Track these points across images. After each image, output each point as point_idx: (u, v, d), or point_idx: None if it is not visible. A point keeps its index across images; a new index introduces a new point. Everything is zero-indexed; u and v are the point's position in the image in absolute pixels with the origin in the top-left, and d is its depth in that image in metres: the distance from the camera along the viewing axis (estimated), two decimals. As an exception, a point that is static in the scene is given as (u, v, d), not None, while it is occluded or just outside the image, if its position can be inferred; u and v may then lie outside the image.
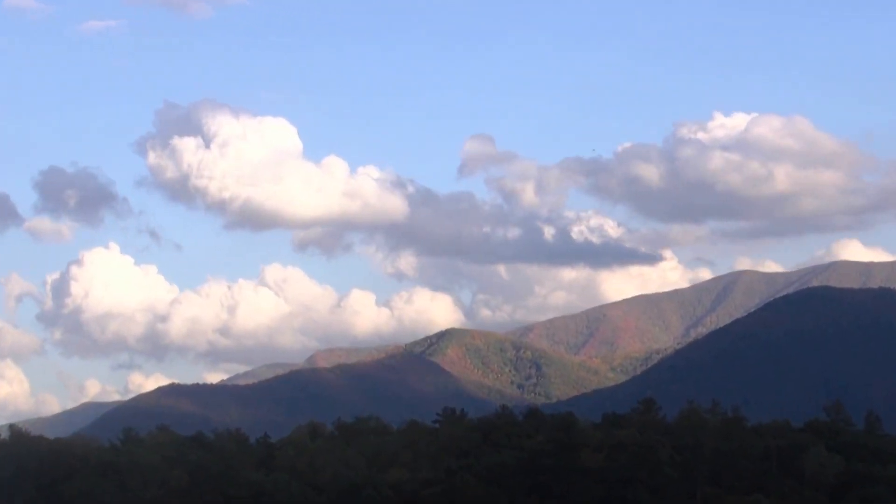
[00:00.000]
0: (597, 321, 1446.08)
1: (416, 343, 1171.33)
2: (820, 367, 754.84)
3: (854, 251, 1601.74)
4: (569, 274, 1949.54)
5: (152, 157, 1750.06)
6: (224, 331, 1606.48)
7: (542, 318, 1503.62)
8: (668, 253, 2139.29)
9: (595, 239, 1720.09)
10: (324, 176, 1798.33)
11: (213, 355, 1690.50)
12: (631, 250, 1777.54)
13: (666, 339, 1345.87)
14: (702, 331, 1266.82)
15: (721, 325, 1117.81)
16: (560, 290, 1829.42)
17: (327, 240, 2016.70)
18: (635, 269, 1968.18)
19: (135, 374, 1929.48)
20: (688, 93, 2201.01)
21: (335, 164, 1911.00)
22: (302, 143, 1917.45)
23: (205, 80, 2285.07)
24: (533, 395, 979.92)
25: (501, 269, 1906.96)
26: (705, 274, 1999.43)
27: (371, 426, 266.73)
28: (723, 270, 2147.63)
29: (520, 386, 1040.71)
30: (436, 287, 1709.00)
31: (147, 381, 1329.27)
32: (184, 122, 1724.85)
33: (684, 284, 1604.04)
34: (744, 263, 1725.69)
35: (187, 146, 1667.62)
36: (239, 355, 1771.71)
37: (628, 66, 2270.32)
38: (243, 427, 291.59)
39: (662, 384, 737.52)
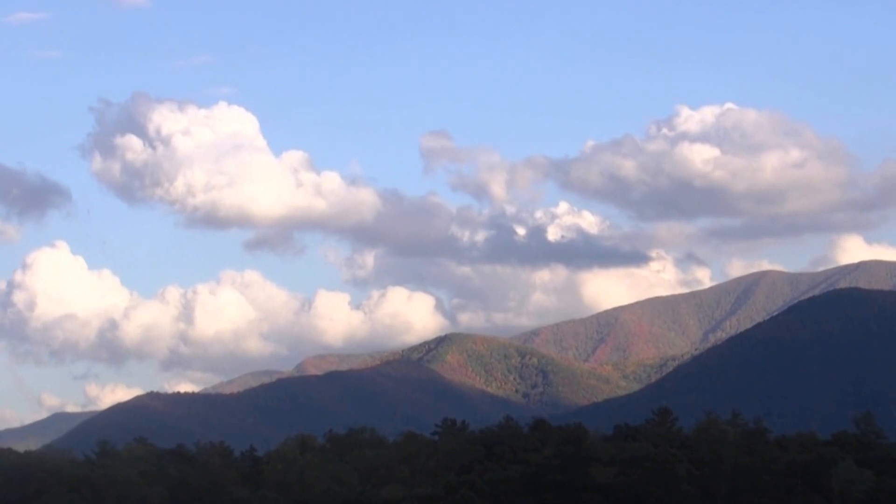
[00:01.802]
0: (608, 325, 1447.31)
1: (413, 349, 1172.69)
2: (849, 375, 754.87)
3: (858, 249, 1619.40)
4: (545, 275, 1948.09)
5: (98, 157, 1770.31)
6: (185, 337, 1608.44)
7: (548, 322, 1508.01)
8: (654, 252, 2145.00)
9: (575, 237, 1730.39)
10: (284, 174, 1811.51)
11: (180, 364, 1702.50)
12: (612, 249, 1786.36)
13: (682, 344, 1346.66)
14: (721, 335, 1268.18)
15: (742, 329, 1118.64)
16: (545, 292, 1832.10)
17: (287, 239, 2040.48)
18: (622, 270, 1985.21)
19: (92, 383, 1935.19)
20: (652, 88, 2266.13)
21: (295, 163, 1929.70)
22: (261, 140, 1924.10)
23: (146, 73, 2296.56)
24: (539, 404, 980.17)
25: (482, 269, 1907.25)
26: (701, 274, 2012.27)
27: (365, 439, 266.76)
28: (716, 270, 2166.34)
29: (525, 395, 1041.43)
30: (411, 289, 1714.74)
31: (111, 391, 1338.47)
32: (126, 118, 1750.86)
33: (678, 285, 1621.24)
34: (763, 263, 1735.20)
35: (131, 143, 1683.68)
36: (210, 363, 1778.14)
37: (592, 62, 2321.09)
38: (227, 439, 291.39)
39: (679, 393, 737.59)
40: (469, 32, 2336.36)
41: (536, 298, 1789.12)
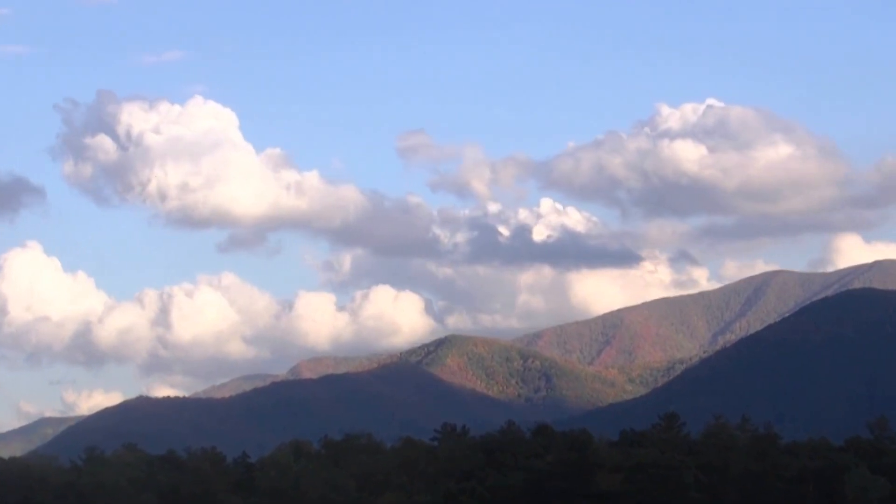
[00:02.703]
0: (613, 327, 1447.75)
1: (411, 351, 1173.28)
2: (862, 378, 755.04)
3: (856, 248, 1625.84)
4: (531, 276, 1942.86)
5: (69, 158, 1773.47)
6: (164, 340, 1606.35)
7: (552, 323, 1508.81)
8: (646, 252, 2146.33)
9: (562, 236, 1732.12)
10: (263, 172, 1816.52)
11: (160, 368, 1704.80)
12: (601, 249, 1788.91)
13: (690, 346, 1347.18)
14: (731, 337, 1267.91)
15: (752, 331, 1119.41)
16: (532, 294, 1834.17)
17: (266, 239, 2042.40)
18: (614, 271, 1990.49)
19: (69, 388, 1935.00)
20: (636, 84, 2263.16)
21: (274, 161, 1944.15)
22: (239, 137, 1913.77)
23: (115, 70, 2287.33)
24: (542, 409, 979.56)
25: (466, 270, 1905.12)
26: (698, 274, 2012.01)
27: (362, 444, 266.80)
28: (712, 270, 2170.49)
29: (528, 399, 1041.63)
30: (396, 289, 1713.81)
31: (88, 396, 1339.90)
32: (96, 118, 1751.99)
33: (673, 286, 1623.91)
34: (773, 263, 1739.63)
35: (102, 143, 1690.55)
36: (191, 367, 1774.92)
37: (574, 58, 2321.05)
38: (219, 445, 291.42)
39: (686, 397, 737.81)
40: (449, 28, 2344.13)
41: (524, 300, 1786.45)
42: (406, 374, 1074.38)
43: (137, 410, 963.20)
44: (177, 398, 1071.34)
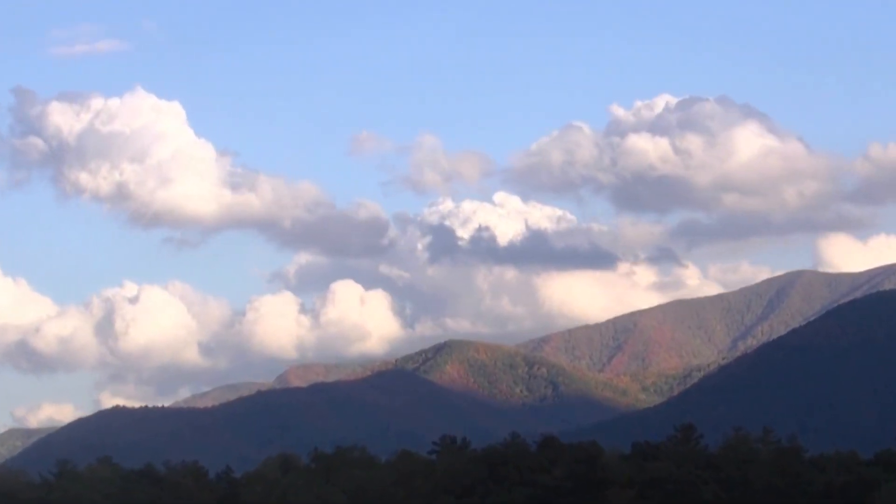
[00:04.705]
0: (625, 332, 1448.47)
1: (407, 358, 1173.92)
2: (894, 387, 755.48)
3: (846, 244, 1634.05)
4: (496, 278, 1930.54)
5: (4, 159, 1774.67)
6: (113, 348, 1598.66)
7: (560, 327, 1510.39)
8: (621, 251, 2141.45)
9: (528, 236, 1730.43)
10: (211, 171, 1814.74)
11: (112, 378, 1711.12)
12: (572, 249, 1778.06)
13: (708, 352, 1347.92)
14: (752, 343, 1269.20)
15: (775, 335, 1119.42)
16: (496, 297, 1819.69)
17: (217, 241, 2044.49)
18: (588, 273, 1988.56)
19: (13, 400, 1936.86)
20: (601, 77, 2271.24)
21: (224, 160, 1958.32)
22: (187, 135, 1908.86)
23: (41, 64, 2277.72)
24: (549, 419, 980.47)
25: (426, 272, 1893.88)
26: (688, 274, 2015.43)
27: (354, 458, 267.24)
28: (704, 271, 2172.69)
29: (533, 409, 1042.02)
30: (361, 291, 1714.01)
31: (36, 407, 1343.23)
32: (23, 116, 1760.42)
33: (655, 288, 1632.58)
34: (795, 262, 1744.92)
35: (35, 144, 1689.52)
36: (145, 376, 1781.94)
37: (535, 50, 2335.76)
38: (201, 459, 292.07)
39: (704, 407, 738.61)
40: (405, 20, 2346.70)
41: (490, 304, 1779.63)
42: (402, 381, 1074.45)
43: (112, 421, 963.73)
44: (155, 408, 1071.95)
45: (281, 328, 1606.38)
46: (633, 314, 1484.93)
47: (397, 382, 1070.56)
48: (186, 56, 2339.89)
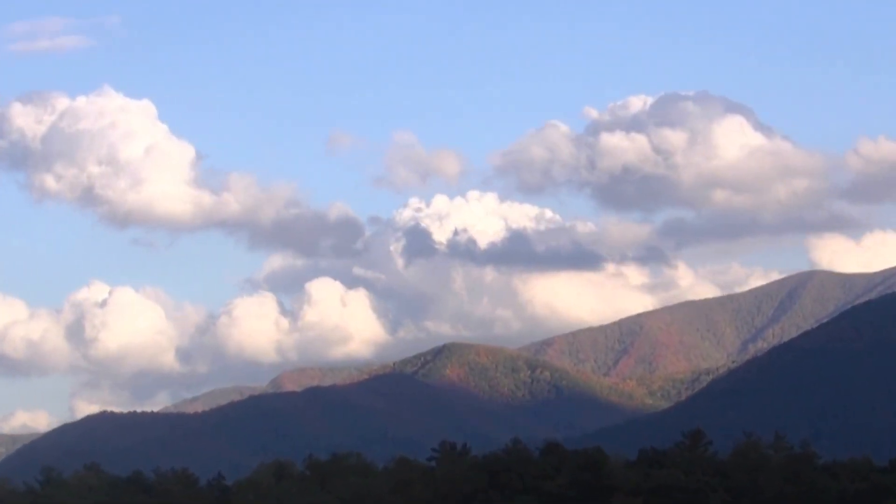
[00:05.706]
0: (631, 334, 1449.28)
1: (405, 361, 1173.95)
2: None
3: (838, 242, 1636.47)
4: (477, 280, 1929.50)
5: None
6: (86, 353, 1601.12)
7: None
8: (606, 251, 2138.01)
9: (508, 237, 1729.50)
10: (184, 170, 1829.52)
11: (86, 383, 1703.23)
12: (555, 250, 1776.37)
13: (718, 356, 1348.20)
14: (763, 345, 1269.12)
15: (787, 338, 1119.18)
16: (478, 299, 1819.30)
17: (189, 241, 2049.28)
18: (574, 273, 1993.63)
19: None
20: (577, 75, 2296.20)
21: (195, 159, 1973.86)
22: (159, 133, 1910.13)
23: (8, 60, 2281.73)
24: (552, 425, 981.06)
25: (403, 274, 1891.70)
26: (679, 274, 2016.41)
27: (350, 464, 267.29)
28: (696, 270, 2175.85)
29: (536, 414, 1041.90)
30: (338, 295, 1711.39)
31: (9, 414, 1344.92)
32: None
33: (644, 288, 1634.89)
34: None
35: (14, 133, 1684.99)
36: (121, 381, 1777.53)
37: (513, 46, 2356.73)
38: (192, 466, 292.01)
39: (713, 412, 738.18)
40: (384, 17, 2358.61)
41: (471, 307, 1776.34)
42: (400, 385, 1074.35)
43: (97, 427, 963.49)
44: (144, 413, 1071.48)
45: (258, 331, 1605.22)
46: (638, 316, 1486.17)
47: (395, 386, 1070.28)
48: (156, 53, 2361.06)
